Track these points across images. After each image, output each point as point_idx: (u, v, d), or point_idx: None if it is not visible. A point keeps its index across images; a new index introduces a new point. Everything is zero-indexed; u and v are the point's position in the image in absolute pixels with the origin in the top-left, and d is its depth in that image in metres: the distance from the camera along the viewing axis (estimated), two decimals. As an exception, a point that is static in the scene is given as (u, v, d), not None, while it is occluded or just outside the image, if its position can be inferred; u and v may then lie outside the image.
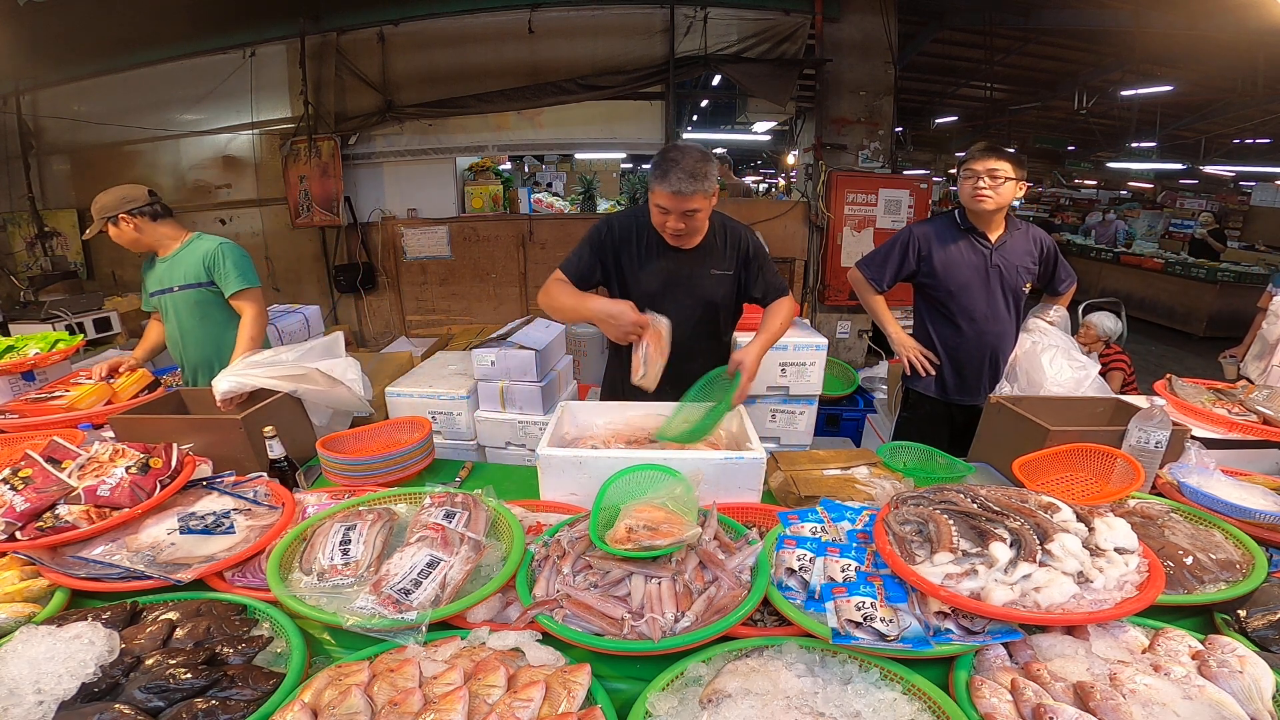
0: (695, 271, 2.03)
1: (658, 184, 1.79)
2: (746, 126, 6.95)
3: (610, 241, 2.04)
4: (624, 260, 2.04)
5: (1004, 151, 2.23)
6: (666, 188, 1.77)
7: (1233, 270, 8.25)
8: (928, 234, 2.40)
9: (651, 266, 2.02)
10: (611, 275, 2.07)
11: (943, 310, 2.43)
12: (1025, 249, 2.39)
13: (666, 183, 1.76)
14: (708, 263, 2.03)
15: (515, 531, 1.37)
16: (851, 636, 1.07)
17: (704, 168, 1.77)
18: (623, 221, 2.06)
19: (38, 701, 0.96)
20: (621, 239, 2.03)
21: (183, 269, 2.43)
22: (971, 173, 2.25)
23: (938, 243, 2.37)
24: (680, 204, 1.79)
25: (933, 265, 2.38)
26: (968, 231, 2.36)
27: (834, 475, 1.82)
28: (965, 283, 2.36)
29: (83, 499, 1.43)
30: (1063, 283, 2.51)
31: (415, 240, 5.78)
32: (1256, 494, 1.55)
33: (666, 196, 1.78)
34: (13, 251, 6.33)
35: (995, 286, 2.37)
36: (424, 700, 0.98)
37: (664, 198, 1.79)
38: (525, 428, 2.61)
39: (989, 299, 2.38)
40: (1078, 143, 13.51)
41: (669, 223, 1.85)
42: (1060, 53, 8.10)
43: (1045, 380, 2.31)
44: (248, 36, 5.41)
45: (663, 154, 1.80)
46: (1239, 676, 0.98)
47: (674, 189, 1.76)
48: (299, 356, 2.06)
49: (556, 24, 5.17)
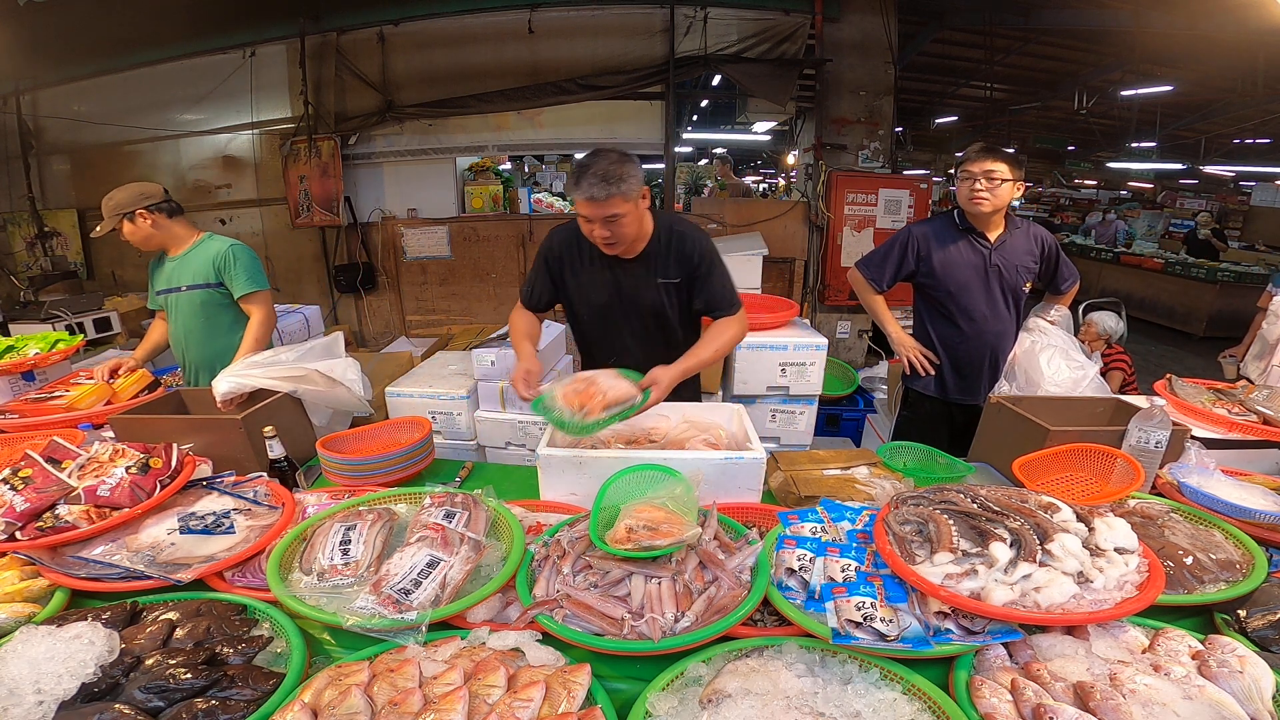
0: (640, 282, 1.95)
1: (573, 192, 1.73)
2: (746, 126, 6.95)
3: (553, 257, 1.98)
4: (567, 275, 1.98)
5: (1000, 152, 2.23)
6: (580, 194, 1.70)
7: (1233, 270, 8.25)
8: (927, 234, 2.40)
9: (595, 279, 1.95)
10: (560, 291, 2.01)
11: (942, 310, 2.44)
12: (1026, 248, 2.39)
13: (579, 189, 1.70)
14: (652, 271, 1.94)
15: (515, 531, 1.37)
16: (851, 636, 1.07)
17: (619, 170, 1.70)
18: (564, 236, 1.98)
19: (38, 701, 0.96)
20: (564, 254, 1.97)
21: (192, 269, 2.43)
22: (968, 174, 2.25)
23: (937, 243, 2.38)
24: (598, 210, 1.71)
25: (932, 265, 2.38)
26: (966, 231, 2.36)
27: (834, 475, 1.82)
28: (964, 282, 2.36)
29: (83, 499, 1.43)
30: (1065, 281, 2.50)
31: (415, 240, 5.78)
32: (1256, 494, 1.55)
33: (584, 204, 1.72)
34: (13, 251, 6.33)
35: (994, 286, 2.37)
36: (424, 700, 0.98)
37: (582, 205, 1.73)
38: (525, 428, 2.61)
39: (988, 299, 2.38)
40: (1078, 143, 13.51)
41: (595, 231, 1.77)
42: (1060, 53, 8.09)
43: (1043, 380, 2.31)
44: (248, 36, 5.41)
45: (579, 161, 1.74)
46: (1239, 676, 0.98)
47: (587, 195, 1.69)
48: (299, 357, 2.06)
49: (556, 24, 5.18)
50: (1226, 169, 13.59)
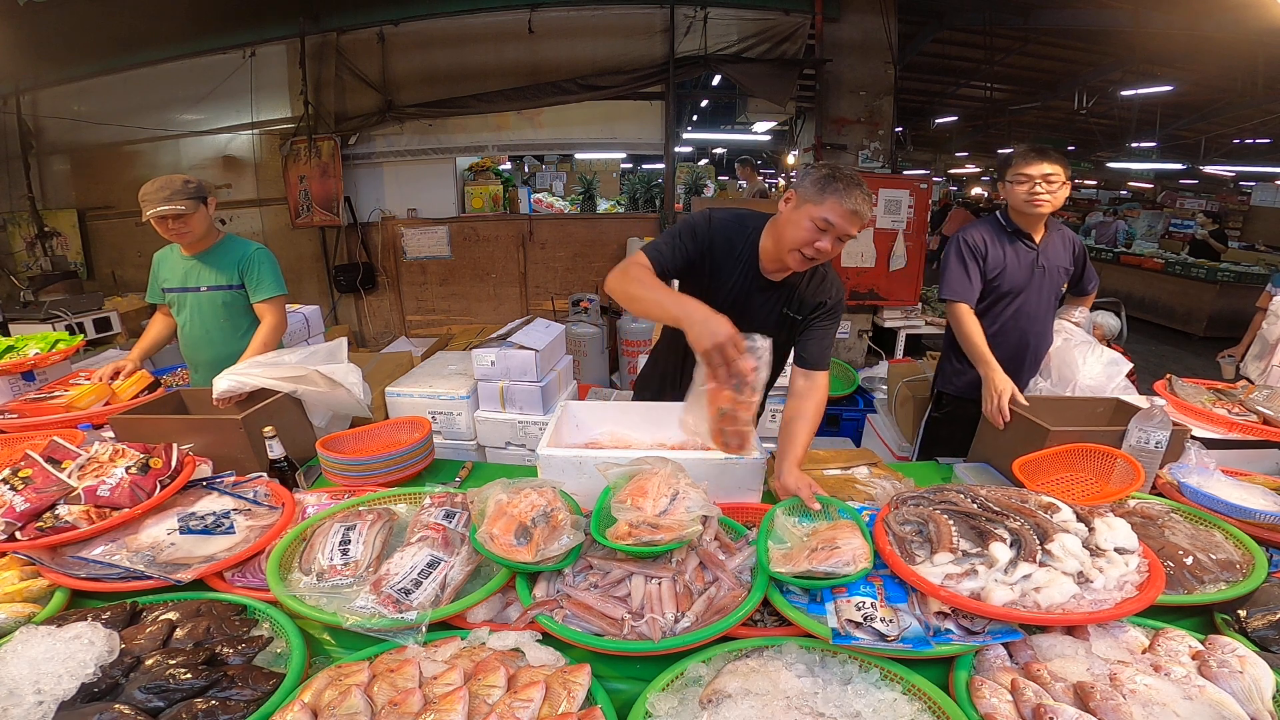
0: (769, 306, 1.85)
1: (833, 197, 1.58)
2: (746, 126, 6.95)
3: (709, 239, 1.81)
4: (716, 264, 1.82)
5: (1057, 154, 2.19)
6: (847, 203, 1.57)
7: (1233, 270, 8.24)
8: (982, 237, 2.35)
9: (736, 284, 1.84)
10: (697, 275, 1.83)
11: (988, 311, 2.39)
12: (1064, 249, 2.40)
13: (846, 197, 1.57)
14: (783, 300, 1.85)
15: (515, 531, 1.37)
16: (851, 637, 1.07)
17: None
18: (728, 224, 1.82)
19: (38, 702, 0.96)
20: (723, 242, 1.81)
21: (213, 270, 2.40)
22: (1026, 178, 2.19)
23: (992, 245, 2.34)
24: (850, 226, 1.60)
25: (989, 268, 2.34)
26: (1015, 234, 2.34)
27: (834, 475, 1.82)
28: (1017, 284, 2.34)
29: (83, 499, 1.43)
30: (1090, 282, 2.53)
31: (415, 240, 5.79)
32: (1256, 494, 1.55)
33: (844, 213, 1.58)
34: (13, 251, 6.33)
35: (1041, 287, 2.37)
36: (424, 700, 0.98)
37: (839, 214, 1.58)
38: (525, 428, 2.61)
39: (1036, 300, 2.37)
40: (1078, 143, 13.49)
41: (822, 243, 1.62)
42: (1060, 53, 8.09)
43: (1077, 376, 2.32)
44: (248, 36, 5.41)
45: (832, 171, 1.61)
46: (1239, 677, 0.98)
47: (854, 207, 1.57)
48: (301, 359, 2.06)
49: (556, 24, 5.18)
50: (1226, 169, 13.59)
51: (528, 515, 1.30)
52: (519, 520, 1.28)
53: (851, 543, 1.20)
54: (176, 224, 2.26)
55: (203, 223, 2.33)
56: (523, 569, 1.24)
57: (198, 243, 2.39)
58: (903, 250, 5.46)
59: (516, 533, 1.26)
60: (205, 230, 2.37)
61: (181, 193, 2.22)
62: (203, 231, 2.36)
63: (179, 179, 2.25)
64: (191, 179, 2.29)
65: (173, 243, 2.40)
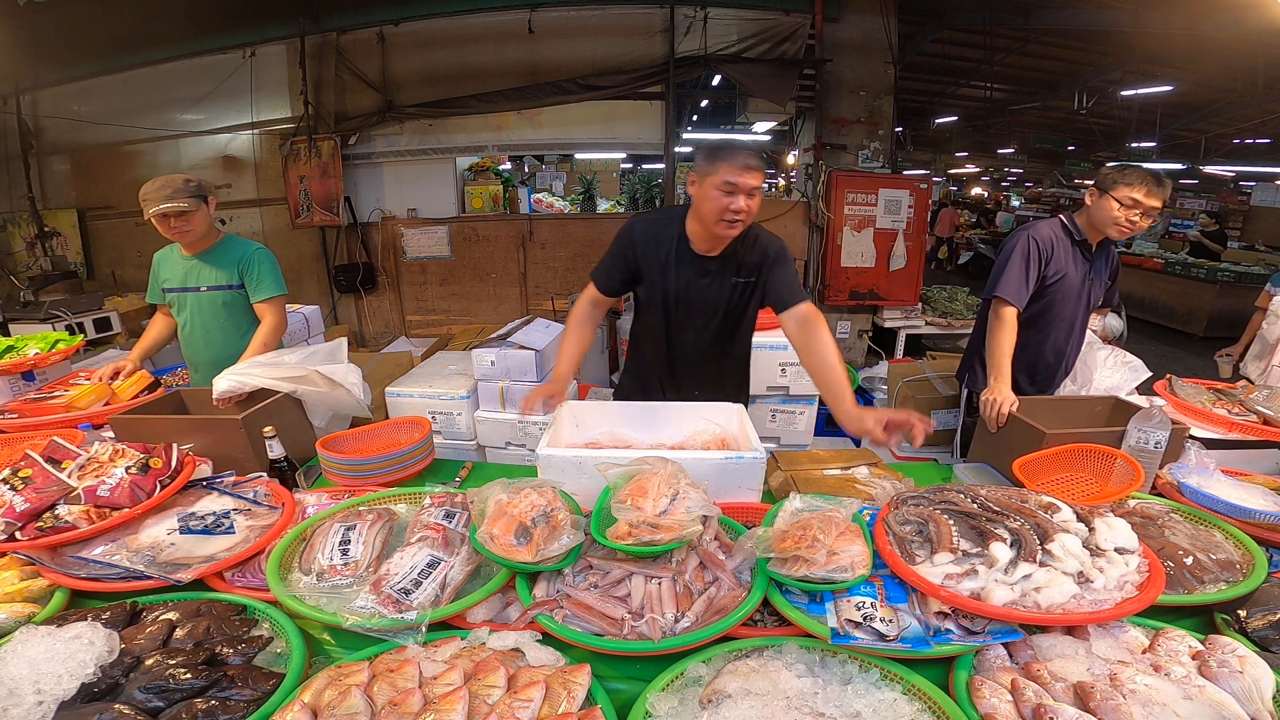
0: (715, 280, 1.97)
1: (723, 162, 1.75)
2: (746, 126, 6.94)
3: (632, 245, 1.97)
4: (646, 264, 1.97)
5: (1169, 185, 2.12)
6: (736, 162, 1.74)
7: (1233, 270, 8.24)
8: (1050, 240, 2.30)
9: (674, 273, 1.96)
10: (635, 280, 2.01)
11: (1037, 315, 2.36)
12: (1107, 262, 2.41)
13: (735, 157, 1.74)
14: (729, 270, 1.97)
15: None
16: (851, 637, 1.07)
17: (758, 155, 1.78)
18: (651, 224, 1.99)
19: (37, 702, 0.96)
20: (648, 242, 1.96)
21: (214, 270, 2.40)
22: (1134, 202, 2.09)
23: (1059, 251, 2.30)
24: (751, 180, 1.74)
25: (1049, 273, 2.31)
26: (1079, 244, 2.31)
27: (834, 475, 1.82)
28: (1068, 292, 2.33)
29: (83, 499, 1.43)
30: (1114, 295, 2.54)
31: (415, 240, 5.79)
32: (1256, 494, 1.55)
33: (737, 170, 1.73)
34: (13, 251, 6.33)
35: (1086, 296, 2.37)
36: (424, 700, 0.98)
37: (735, 172, 1.74)
38: (525, 428, 2.60)
39: (1080, 308, 2.37)
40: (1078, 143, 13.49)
41: (735, 204, 1.76)
42: (1060, 53, 8.09)
43: (1094, 376, 2.35)
44: (248, 36, 5.41)
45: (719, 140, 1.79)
46: (1239, 677, 0.98)
47: (744, 163, 1.73)
48: (301, 359, 2.06)
49: (556, 24, 5.18)
50: (1226, 169, 13.59)
51: (528, 515, 1.30)
52: (519, 520, 1.28)
53: (851, 549, 1.20)
54: (178, 222, 2.25)
55: (204, 221, 2.33)
56: (523, 569, 1.24)
57: (198, 242, 2.39)
58: (903, 250, 5.46)
59: (516, 533, 1.26)
60: (206, 229, 2.36)
61: (183, 191, 2.22)
62: (204, 230, 2.35)
63: (180, 178, 2.25)
64: (192, 178, 2.29)
65: (173, 242, 2.40)
